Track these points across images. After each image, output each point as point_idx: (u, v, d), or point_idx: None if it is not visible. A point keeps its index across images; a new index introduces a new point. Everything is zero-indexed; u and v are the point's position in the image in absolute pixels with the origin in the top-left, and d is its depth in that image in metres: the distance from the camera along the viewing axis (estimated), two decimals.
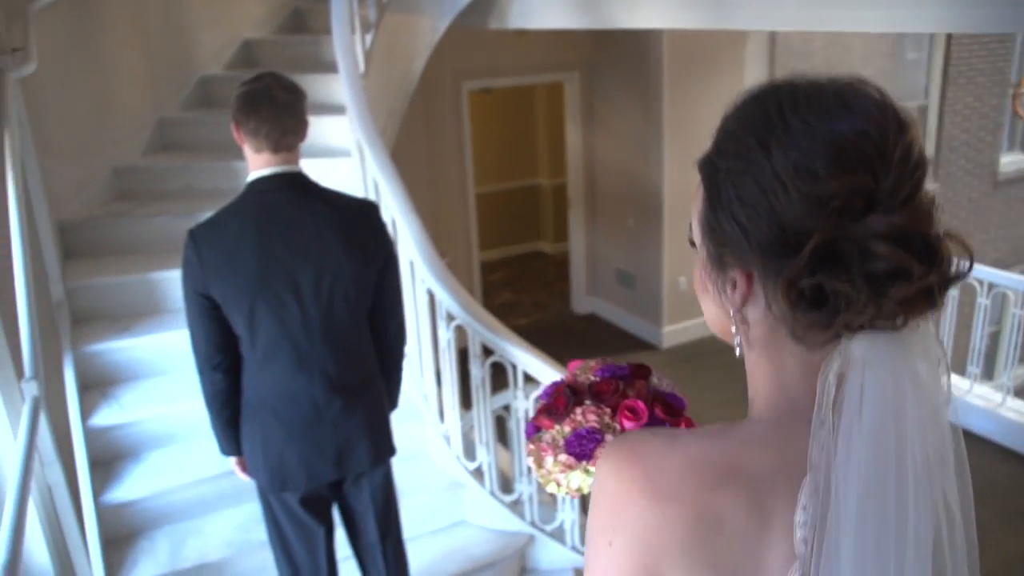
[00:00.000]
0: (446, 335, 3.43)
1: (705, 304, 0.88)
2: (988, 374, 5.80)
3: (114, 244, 3.98)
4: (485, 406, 3.45)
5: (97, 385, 3.52)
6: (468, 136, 7.28)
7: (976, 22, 3.25)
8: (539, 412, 1.24)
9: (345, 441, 2.47)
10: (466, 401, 3.58)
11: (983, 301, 5.25)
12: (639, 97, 6.99)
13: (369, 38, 4.38)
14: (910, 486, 0.72)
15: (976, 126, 9.14)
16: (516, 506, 3.53)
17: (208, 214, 2.43)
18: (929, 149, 8.96)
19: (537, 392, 1.37)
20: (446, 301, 3.34)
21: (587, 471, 1.17)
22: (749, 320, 0.82)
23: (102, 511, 3.15)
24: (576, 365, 1.30)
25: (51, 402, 2.73)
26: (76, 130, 4.11)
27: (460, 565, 3.41)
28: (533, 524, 3.50)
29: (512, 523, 3.52)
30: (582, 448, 1.16)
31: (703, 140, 0.90)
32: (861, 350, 0.74)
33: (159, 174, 4.43)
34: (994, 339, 9.20)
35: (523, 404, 3.29)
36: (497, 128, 9.97)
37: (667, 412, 1.19)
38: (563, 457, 1.17)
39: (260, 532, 3.11)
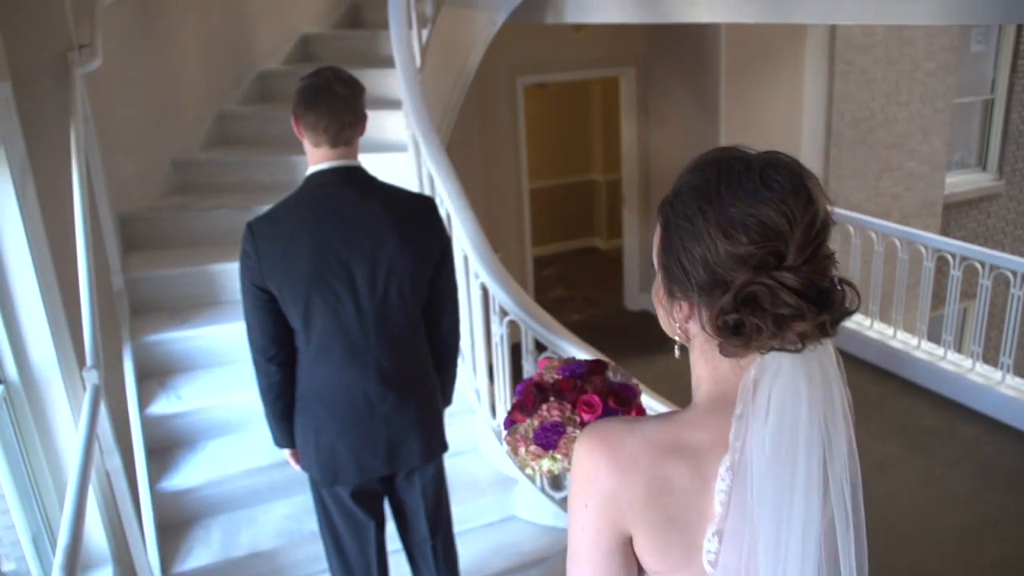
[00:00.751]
0: (499, 330, 3.43)
1: (659, 312, 1.15)
2: (1021, 366, 5.66)
3: (173, 236, 4.05)
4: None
5: (155, 375, 3.59)
6: (523, 131, 7.27)
7: None
8: (513, 408, 1.46)
9: (397, 436, 2.48)
10: None
11: (1017, 292, 5.12)
12: (695, 93, 6.92)
13: (426, 33, 4.39)
14: (801, 460, 1.01)
15: None
16: (566, 503, 3.52)
17: (266, 207, 2.46)
18: (994, 145, 8.73)
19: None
20: (499, 296, 3.34)
21: (554, 458, 1.38)
22: (691, 332, 1.10)
23: (158, 498, 3.21)
24: (544, 364, 1.52)
25: (110, 391, 2.78)
26: (138, 124, 4.19)
27: (509, 560, 3.41)
28: None
29: (562, 519, 3.51)
30: (548, 439, 1.39)
31: (762, 136, 0.98)
32: (771, 364, 1.02)
33: (218, 167, 4.49)
34: None
35: None
36: (552, 123, 9.94)
37: (618, 402, 1.44)
38: (533, 448, 1.39)
39: (312, 523, 3.14)
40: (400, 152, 4.08)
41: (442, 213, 3.53)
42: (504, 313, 3.38)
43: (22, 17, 3.01)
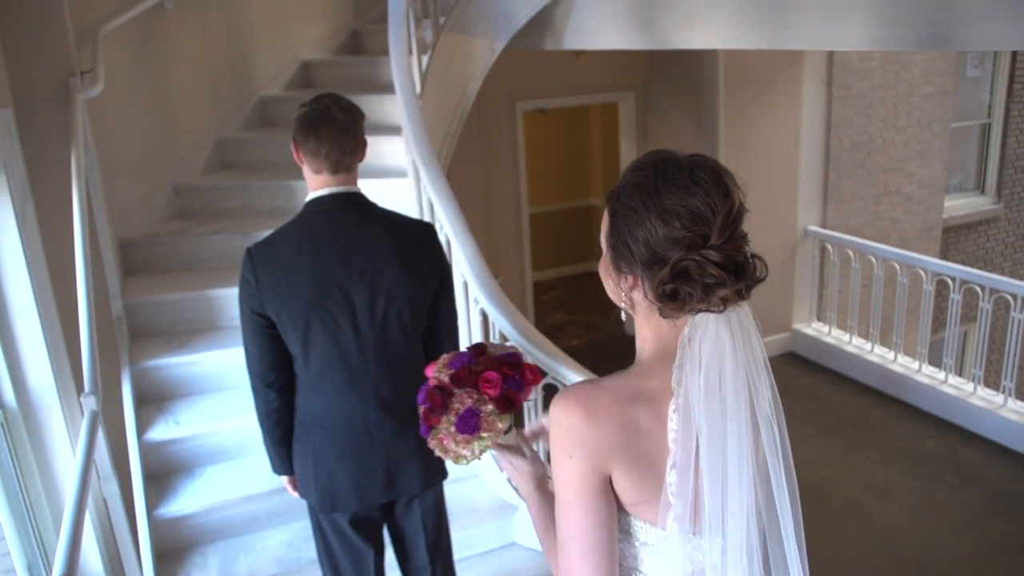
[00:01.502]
0: None
1: (607, 284, 1.37)
2: (1023, 390, 5.64)
3: (173, 261, 4.05)
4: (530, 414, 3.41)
5: (154, 400, 3.58)
6: (522, 156, 7.29)
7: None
8: (425, 415, 1.59)
9: (396, 463, 2.46)
10: (518, 421, 3.54)
11: (1017, 315, 5.11)
12: (694, 117, 6.94)
13: (426, 59, 4.41)
14: (730, 399, 1.25)
15: None
16: None
17: (266, 233, 2.46)
18: (992, 169, 8.75)
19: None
20: (499, 321, 3.33)
21: (481, 438, 1.54)
22: (635, 300, 1.32)
23: (155, 525, 3.19)
24: (432, 370, 1.66)
25: (109, 416, 2.77)
26: (139, 149, 4.21)
27: None
28: None
29: None
30: (469, 424, 1.54)
31: (760, 161, 1.03)
32: (701, 323, 1.26)
33: (218, 193, 4.50)
34: None
35: None
36: (551, 148, 9.97)
37: (512, 368, 1.62)
38: (461, 437, 1.54)
39: (310, 550, 3.12)
40: (400, 178, 4.09)
41: (442, 239, 3.54)
42: (504, 339, 3.37)
43: (24, 42, 3.03)
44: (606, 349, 8.08)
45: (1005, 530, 4.54)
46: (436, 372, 1.65)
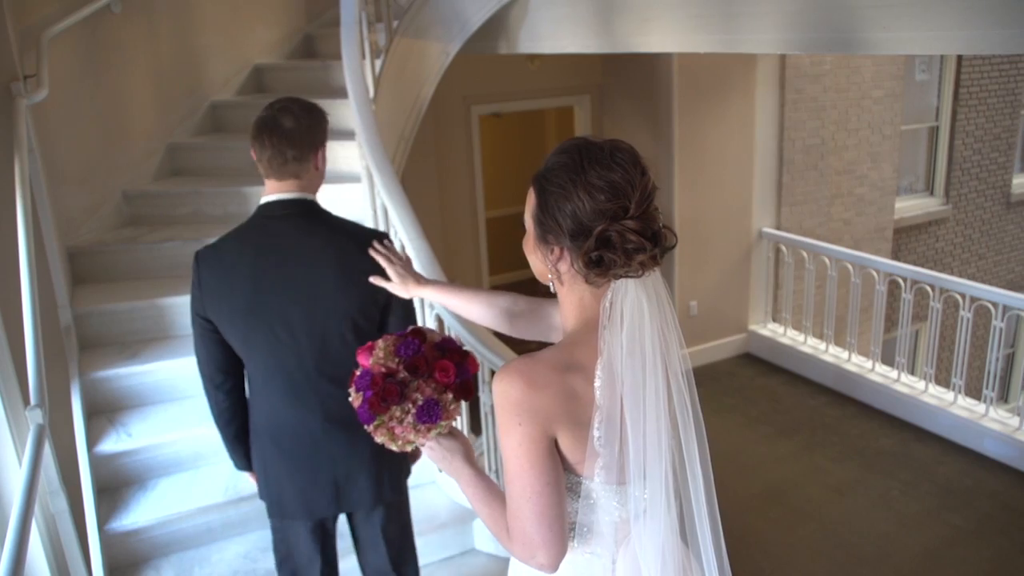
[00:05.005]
0: None
1: (533, 260, 1.53)
2: (1003, 397, 5.74)
3: (123, 270, 3.98)
4: (494, 432, 3.41)
5: (104, 412, 3.50)
6: (478, 160, 7.27)
7: (987, 44, 3.23)
8: (371, 401, 1.56)
9: (344, 477, 2.41)
10: (476, 427, 3.54)
11: (998, 324, 5.20)
12: (649, 121, 6.98)
13: (379, 63, 4.38)
14: (648, 355, 1.40)
15: (988, 147, 9.09)
16: None
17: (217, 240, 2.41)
18: (940, 171, 8.92)
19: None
20: (455, 327, 3.31)
21: (440, 426, 1.58)
22: (561, 272, 1.46)
23: (107, 539, 3.12)
24: (366, 356, 1.65)
25: (58, 429, 2.71)
26: (86, 156, 4.12)
27: None
28: None
29: None
30: (432, 414, 1.56)
31: (715, 163, 1.05)
32: (621, 288, 1.41)
33: (169, 199, 4.43)
34: (1009, 361, 9.13)
35: None
36: (508, 152, 9.97)
37: (459, 356, 1.66)
38: (421, 427, 1.56)
39: (267, 561, 3.08)
40: (354, 183, 4.06)
41: (396, 244, 3.52)
42: (460, 344, 3.35)
43: None
44: None
45: (957, 524, 4.61)
46: (380, 359, 1.63)
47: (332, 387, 2.32)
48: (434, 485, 3.67)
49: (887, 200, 7.92)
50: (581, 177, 1.37)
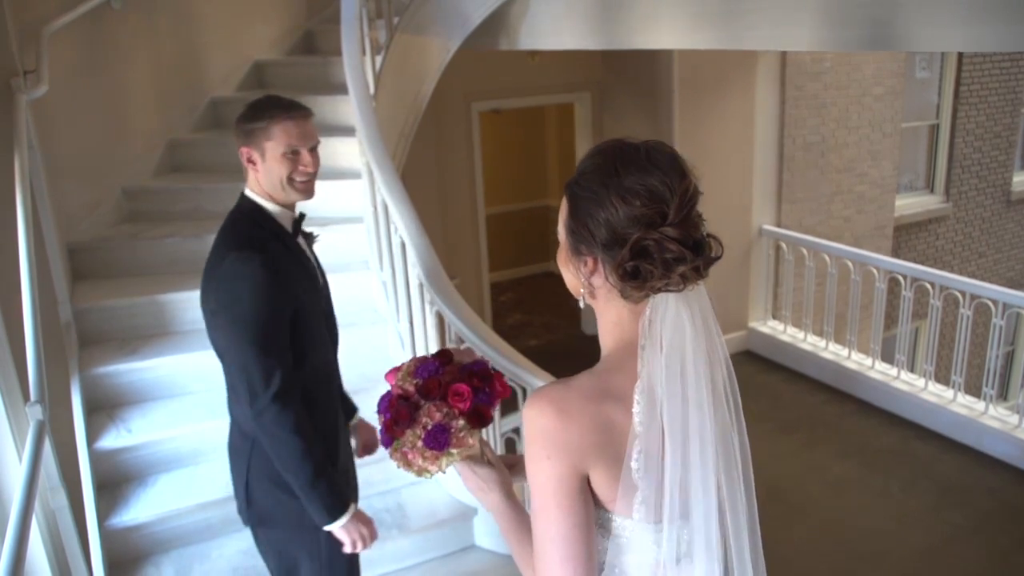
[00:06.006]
0: None
1: (566, 274, 1.38)
2: (1003, 395, 5.74)
3: (123, 266, 3.98)
4: (495, 429, 3.41)
5: (104, 408, 3.50)
6: (478, 157, 7.26)
7: (989, 42, 3.23)
8: (386, 426, 1.49)
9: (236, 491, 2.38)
10: None
11: (998, 321, 5.20)
12: (650, 117, 6.97)
13: (379, 60, 4.38)
14: (691, 378, 1.26)
15: (988, 145, 9.09)
16: None
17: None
18: (941, 169, 8.92)
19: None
20: (456, 323, 3.31)
21: (450, 454, 1.45)
22: (595, 286, 1.33)
23: (107, 535, 3.12)
24: (393, 377, 1.56)
25: (58, 425, 2.71)
26: (87, 152, 4.12)
27: None
28: None
29: None
30: (438, 440, 1.45)
31: (715, 160, 1.06)
32: (661, 303, 1.27)
33: (169, 195, 4.42)
34: (1009, 359, 9.13)
35: None
36: (507, 149, 9.96)
37: (481, 380, 1.53)
38: (428, 453, 1.45)
39: None
40: (354, 179, 4.05)
41: (396, 240, 3.52)
42: (460, 341, 3.36)
43: None
44: (564, 349, 8.10)
45: (956, 523, 4.61)
46: (399, 380, 1.55)
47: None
48: (434, 482, 3.67)
49: (887, 198, 7.92)
50: (614, 181, 1.25)
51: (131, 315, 3.73)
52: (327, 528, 2.23)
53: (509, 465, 1.59)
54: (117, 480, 3.36)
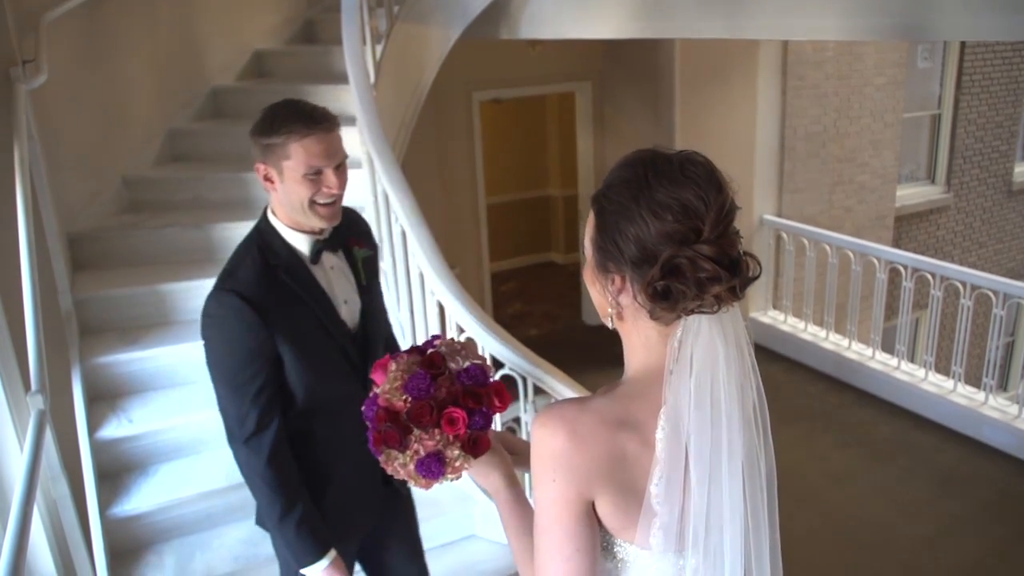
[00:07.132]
0: None
1: (593, 293, 1.30)
2: (1003, 385, 5.74)
3: (124, 255, 3.97)
4: (496, 422, 3.41)
5: (105, 397, 3.50)
6: (479, 146, 7.26)
7: (991, 31, 3.22)
8: (376, 439, 1.40)
9: None
10: None
11: (998, 312, 5.20)
12: (651, 107, 6.96)
13: (380, 49, 4.37)
14: (723, 408, 1.19)
15: (990, 135, 9.08)
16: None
17: (218, 225, 2.40)
18: (942, 159, 8.90)
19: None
20: (456, 312, 3.31)
21: (447, 478, 1.40)
22: (622, 305, 1.24)
23: (109, 525, 3.13)
24: (381, 376, 1.44)
25: (59, 414, 2.71)
26: (86, 141, 4.11)
27: None
28: None
29: None
30: (432, 470, 1.38)
31: (716, 150, 1.07)
32: (693, 325, 1.20)
33: (169, 185, 4.42)
34: (1009, 350, 9.14)
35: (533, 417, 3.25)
36: (508, 138, 9.95)
37: (475, 400, 1.42)
38: (422, 481, 1.40)
39: (267, 547, 3.07)
40: (355, 168, 4.02)
41: (396, 230, 3.51)
42: (461, 330, 3.35)
43: None
44: (565, 339, 8.11)
45: (956, 512, 4.62)
46: (387, 391, 1.42)
47: None
48: None
49: (888, 188, 7.91)
50: (645, 194, 1.17)
51: (132, 305, 3.73)
52: (301, 571, 2.15)
53: (510, 448, 1.55)
54: (118, 469, 3.36)
